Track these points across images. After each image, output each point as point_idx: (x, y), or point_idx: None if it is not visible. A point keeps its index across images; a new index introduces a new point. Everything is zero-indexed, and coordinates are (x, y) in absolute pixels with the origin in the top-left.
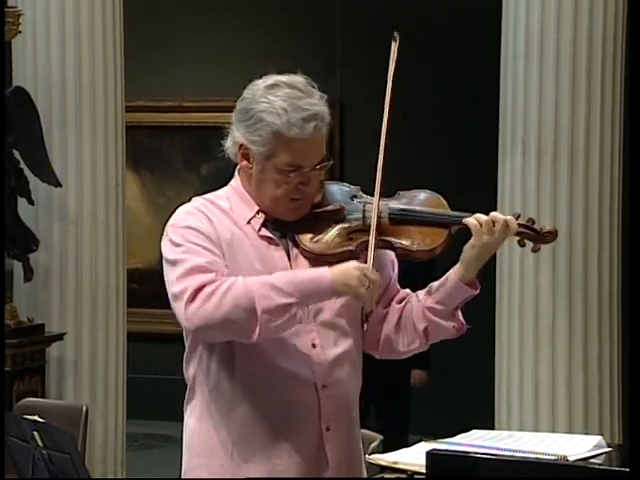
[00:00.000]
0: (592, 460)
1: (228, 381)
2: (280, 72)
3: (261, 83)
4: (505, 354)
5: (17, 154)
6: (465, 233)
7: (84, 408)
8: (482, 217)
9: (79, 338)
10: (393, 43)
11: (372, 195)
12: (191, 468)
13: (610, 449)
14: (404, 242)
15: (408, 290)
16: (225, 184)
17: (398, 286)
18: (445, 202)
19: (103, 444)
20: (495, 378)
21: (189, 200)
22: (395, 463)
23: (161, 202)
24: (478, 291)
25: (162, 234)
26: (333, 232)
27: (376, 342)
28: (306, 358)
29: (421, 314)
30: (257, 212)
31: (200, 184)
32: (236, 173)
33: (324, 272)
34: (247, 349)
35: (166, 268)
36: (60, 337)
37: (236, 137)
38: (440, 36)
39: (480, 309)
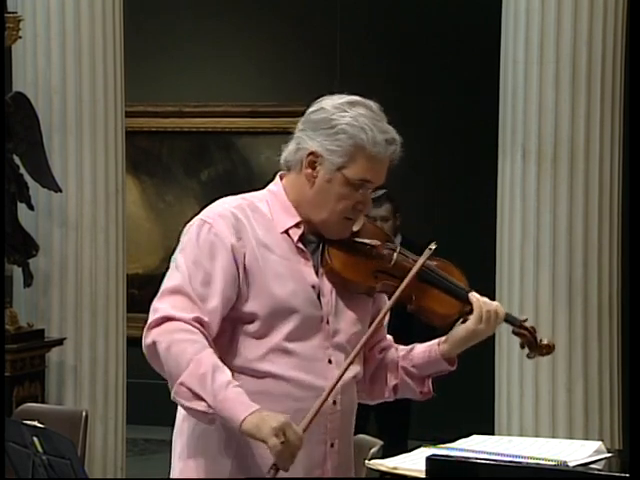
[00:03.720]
0: (592, 466)
1: None
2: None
3: (338, 98)
4: (505, 359)
5: (17, 159)
6: None
7: (84, 413)
8: (485, 304)
9: (79, 343)
10: (428, 250)
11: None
12: (184, 469)
13: (610, 454)
14: (423, 300)
15: (390, 338)
16: (224, 189)
17: (385, 332)
18: (464, 277)
19: (103, 449)
20: (495, 383)
21: (201, 207)
22: (395, 469)
23: (160, 207)
24: (454, 368)
25: (162, 239)
26: (362, 264)
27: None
28: (323, 372)
29: (395, 371)
30: (297, 223)
31: (200, 189)
32: (277, 179)
33: (250, 406)
34: (261, 353)
35: (172, 260)
36: (60, 342)
37: (308, 144)
38: (440, 39)
39: None
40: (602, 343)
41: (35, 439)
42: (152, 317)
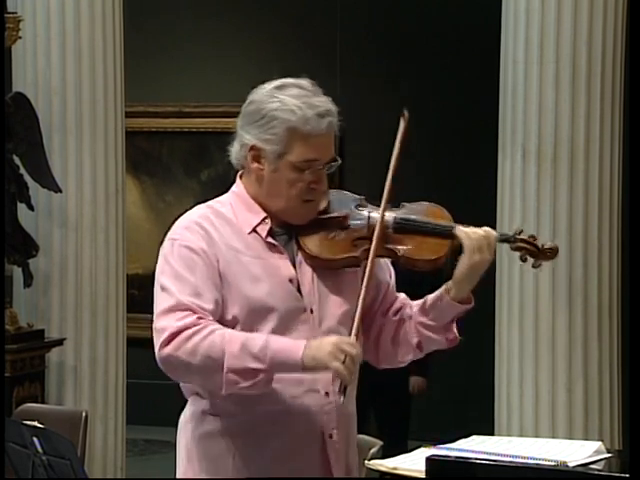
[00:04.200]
0: (592, 466)
1: None
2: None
3: (268, 85)
4: (505, 360)
5: (17, 160)
6: None
7: (84, 414)
8: (473, 234)
9: (79, 344)
10: (402, 120)
11: (376, 205)
12: (186, 471)
13: (610, 455)
14: (408, 251)
15: (403, 297)
16: (225, 189)
17: (396, 293)
18: (448, 214)
19: (103, 450)
20: (495, 384)
21: (191, 207)
22: (395, 469)
23: (161, 207)
24: (472, 305)
25: (162, 239)
26: (338, 238)
27: (376, 354)
28: None
29: (414, 329)
30: (263, 219)
31: (200, 189)
32: (238, 179)
33: (299, 344)
34: None
35: (156, 285)
36: (60, 343)
37: (246, 139)
38: (440, 39)
39: (480, 315)
40: (602, 343)
41: (35, 439)
42: (160, 337)
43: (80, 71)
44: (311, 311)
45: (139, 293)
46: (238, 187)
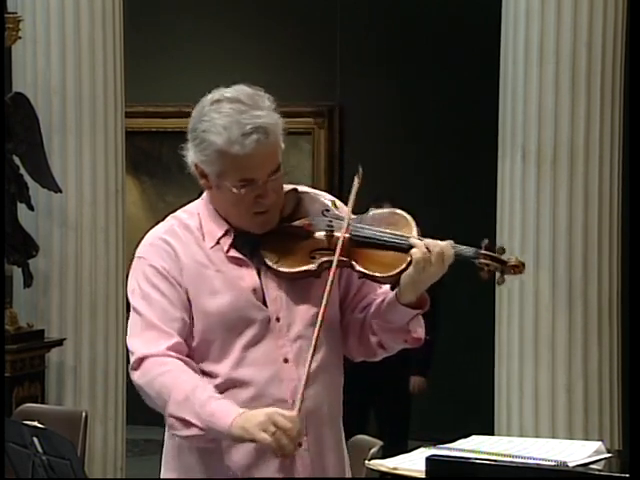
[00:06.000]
0: (592, 466)
1: None
2: (234, 83)
3: (207, 100)
4: (505, 360)
5: (17, 160)
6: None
7: (83, 414)
8: (430, 247)
9: (79, 344)
10: (356, 178)
11: (344, 210)
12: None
13: (610, 455)
14: (364, 266)
15: (382, 291)
16: None
17: (367, 290)
18: (414, 224)
19: (103, 450)
20: (495, 384)
21: (162, 219)
22: (395, 469)
23: (161, 207)
24: (426, 308)
25: None
26: (296, 250)
27: (347, 349)
28: (277, 374)
29: (370, 328)
30: (226, 231)
31: (200, 190)
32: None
33: (232, 413)
34: (215, 364)
35: (131, 302)
36: (60, 343)
37: (190, 156)
38: (440, 39)
39: (480, 315)
40: (602, 344)
41: (35, 439)
42: (131, 358)
43: (80, 71)
44: (277, 319)
45: None
46: (206, 194)
